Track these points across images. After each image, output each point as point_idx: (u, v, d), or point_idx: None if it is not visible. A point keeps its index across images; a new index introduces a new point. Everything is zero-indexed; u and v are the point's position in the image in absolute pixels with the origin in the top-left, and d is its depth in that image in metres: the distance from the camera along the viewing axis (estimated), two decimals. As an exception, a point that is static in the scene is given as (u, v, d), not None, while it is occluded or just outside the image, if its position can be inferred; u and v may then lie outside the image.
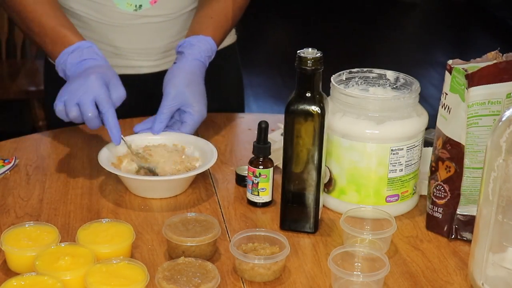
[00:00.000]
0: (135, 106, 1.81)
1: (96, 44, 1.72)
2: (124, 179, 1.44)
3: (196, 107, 1.54)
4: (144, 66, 1.78)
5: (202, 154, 1.49)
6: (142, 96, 1.82)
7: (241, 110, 1.97)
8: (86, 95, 1.42)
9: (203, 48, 1.61)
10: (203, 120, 1.57)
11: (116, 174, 1.43)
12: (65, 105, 1.42)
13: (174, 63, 1.61)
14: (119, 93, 1.46)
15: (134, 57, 1.76)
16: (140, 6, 1.68)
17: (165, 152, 1.49)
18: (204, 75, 1.61)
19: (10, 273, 1.18)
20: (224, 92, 1.60)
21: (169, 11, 1.71)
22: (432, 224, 1.33)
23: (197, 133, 1.59)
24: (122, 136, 1.45)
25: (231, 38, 1.90)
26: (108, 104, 1.43)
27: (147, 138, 1.53)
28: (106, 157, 1.45)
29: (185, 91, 1.54)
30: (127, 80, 1.76)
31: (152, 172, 1.45)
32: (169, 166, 1.46)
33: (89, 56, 1.52)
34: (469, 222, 1.29)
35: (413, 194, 1.40)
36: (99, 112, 1.43)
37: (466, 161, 1.26)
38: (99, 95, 1.42)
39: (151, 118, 1.57)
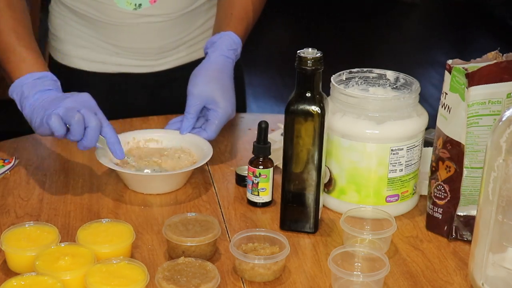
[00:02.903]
0: (135, 105, 1.81)
1: (97, 42, 1.73)
2: (122, 175, 1.44)
3: (221, 104, 1.51)
4: (144, 65, 1.77)
5: (199, 151, 1.50)
6: (143, 96, 1.82)
7: (243, 110, 1.97)
8: (87, 108, 1.37)
9: (225, 43, 1.59)
10: (229, 117, 1.54)
11: (116, 174, 1.43)
12: (63, 114, 1.35)
13: None
14: None
15: (134, 56, 1.76)
16: (140, 5, 1.68)
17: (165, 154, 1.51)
18: (232, 70, 1.59)
19: (10, 273, 1.18)
20: None
21: (169, 10, 1.71)
22: (432, 224, 1.33)
23: None
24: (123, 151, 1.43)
25: None
26: (107, 121, 1.39)
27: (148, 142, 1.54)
28: (104, 154, 1.45)
29: (206, 89, 1.52)
30: (128, 79, 1.77)
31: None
32: (169, 161, 1.47)
33: (54, 88, 1.46)
34: (469, 222, 1.29)
35: (413, 194, 1.40)
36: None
37: (466, 161, 1.26)
38: (99, 111, 1.39)
39: (179, 118, 1.57)
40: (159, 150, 1.51)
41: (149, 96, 1.83)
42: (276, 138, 1.60)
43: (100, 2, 1.68)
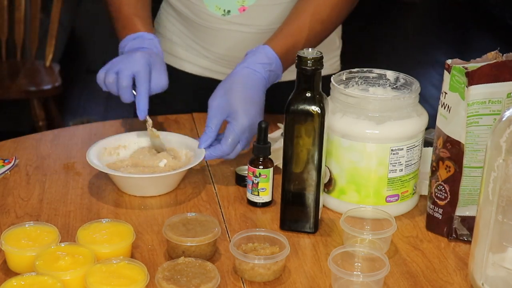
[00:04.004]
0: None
1: (188, 41, 1.78)
2: (114, 179, 1.44)
3: (237, 116, 1.44)
4: (225, 73, 1.73)
5: (193, 152, 1.49)
6: None
7: None
8: (127, 66, 1.49)
9: (256, 56, 1.52)
10: (245, 130, 1.44)
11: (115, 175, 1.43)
12: (106, 72, 1.50)
13: None
14: (160, 82, 1.53)
15: (222, 63, 1.76)
16: (229, 11, 1.68)
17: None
18: (259, 84, 1.50)
19: (10, 273, 1.18)
20: None
21: (258, 22, 1.69)
22: (432, 224, 1.33)
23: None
24: (147, 114, 1.50)
25: (333, 68, 1.84)
26: (144, 81, 1.49)
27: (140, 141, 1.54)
28: (97, 157, 1.45)
29: (222, 101, 1.46)
30: (212, 84, 1.73)
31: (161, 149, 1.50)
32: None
33: (148, 46, 1.57)
34: (469, 223, 1.29)
35: (413, 194, 1.40)
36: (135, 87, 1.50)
37: (465, 160, 1.26)
38: (139, 71, 1.49)
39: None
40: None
41: None
42: (276, 138, 1.60)
43: (193, 3, 1.71)
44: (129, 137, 1.54)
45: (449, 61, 1.26)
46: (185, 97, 1.83)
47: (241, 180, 1.47)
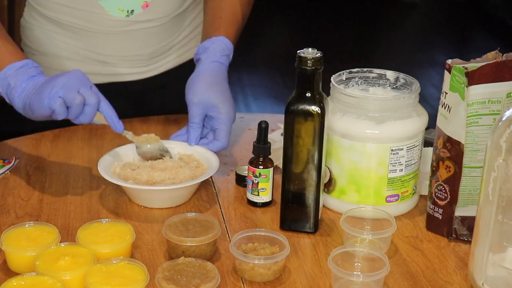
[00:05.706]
0: (122, 115, 1.77)
1: (84, 53, 1.70)
2: (127, 190, 1.41)
3: (223, 108, 1.50)
4: (133, 73, 1.75)
5: (205, 161, 1.47)
6: (129, 104, 1.78)
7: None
8: (85, 84, 1.37)
9: (218, 48, 1.58)
10: (233, 121, 1.53)
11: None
12: (64, 95, 1.34)
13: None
14: None
15: (122, 65, 1.74)
16: (132, 11, 1.66)
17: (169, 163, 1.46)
18: (226, 75, 1.58)
19: (10, 273, 1.18)
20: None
21: (160, 15, 1.69)
22: (432, 224, 1.33)
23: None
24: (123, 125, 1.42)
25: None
26: (102, 95, 1.39)
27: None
28: (108, 166, 1.42)
29: (206, 96, 1.50)
30: (114, 88, 1.72)
31: (165, 151, 1.47)
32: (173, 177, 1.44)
33: (38, 73, 1.44)
34: (469, 223, 1.29)
35: (413, 194, 1.40)
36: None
37: (465, 160, 1.26)
38: (93, 86, 1.39)
39: (182, 130, 1.54)
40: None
41: (136, 104, 1.80)
42: (276, 138, 1.60)
43: (91, 12, 1.64)
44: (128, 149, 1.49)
45: (449, 61, 1.26)
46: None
47: (241, 180, 1.47)
